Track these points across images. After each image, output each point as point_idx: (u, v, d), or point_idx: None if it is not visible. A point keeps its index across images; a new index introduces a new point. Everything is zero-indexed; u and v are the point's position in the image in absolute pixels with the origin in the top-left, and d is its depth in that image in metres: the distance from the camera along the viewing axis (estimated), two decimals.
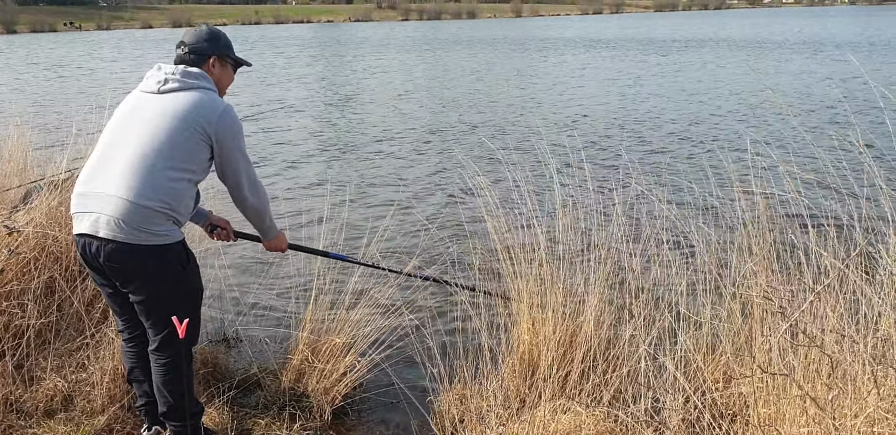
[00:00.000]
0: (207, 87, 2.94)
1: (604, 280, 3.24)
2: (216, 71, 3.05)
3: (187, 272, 2.90)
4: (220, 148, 2.87)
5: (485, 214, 3.72)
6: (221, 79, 3.09)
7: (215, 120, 2.83)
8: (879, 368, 2.26)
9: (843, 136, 3.78)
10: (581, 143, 10.51)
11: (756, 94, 15.75)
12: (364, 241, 4.09)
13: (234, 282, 5.13)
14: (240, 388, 3.63)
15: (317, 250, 3.79)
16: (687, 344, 2.79)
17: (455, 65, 26.84)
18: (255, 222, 3.23)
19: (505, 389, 3.19)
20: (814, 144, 3.77)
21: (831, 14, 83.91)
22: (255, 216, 3.16)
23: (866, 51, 27.16)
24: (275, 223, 3.30)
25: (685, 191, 5.21)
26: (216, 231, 3.42)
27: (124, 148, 2.79)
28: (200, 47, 3.03)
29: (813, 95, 15.18)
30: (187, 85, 2.89)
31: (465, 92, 18.13)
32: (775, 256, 2.88)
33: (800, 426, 2.27)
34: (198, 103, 2.85)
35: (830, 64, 21.87)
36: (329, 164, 9.94)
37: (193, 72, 2.94)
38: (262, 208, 3.13)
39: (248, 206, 3.07)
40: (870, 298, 2.47)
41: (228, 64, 3.13)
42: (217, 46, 3.06)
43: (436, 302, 4.51)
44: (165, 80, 2.89)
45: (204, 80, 2.95)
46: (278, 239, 3.35)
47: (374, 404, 3.68)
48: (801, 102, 14.16)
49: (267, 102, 16.31)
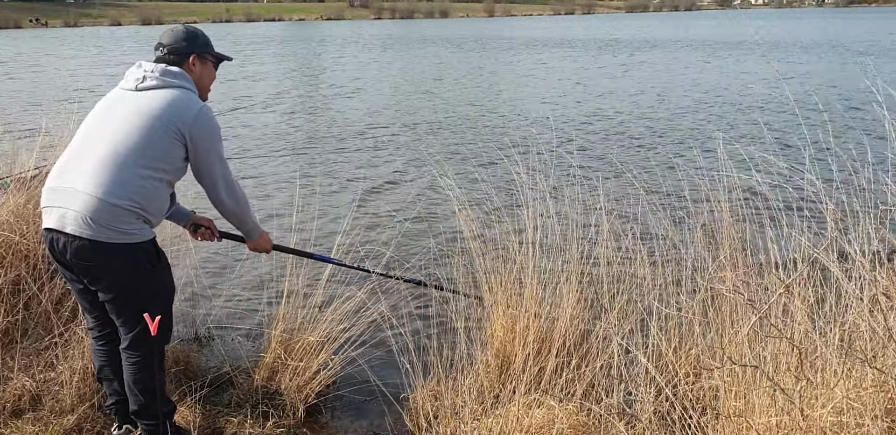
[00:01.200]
0: (186, 87, 2.91)
1: (578, 276, 3.26)
2: (197, 69, 3.02)
3: (157, 271, 2.87)
4: (195, 148, 2.84)
5: (458, 212, 3.73)
6: (203, 77, 3.06)
7: (190, 119, 2.80)
8: (846, 359, 2.30)
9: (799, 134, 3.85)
10: (548, 140, 10.60)
11: (712, 92, 15.97)
12: (337, 240, 4.07)
13: (207, 281, 5.09)
14: (212, 386, 3.60)
15: (301, 251, 3.77)
16: (659, 337, 2.83)
17: (423, 63, 26.90)
18: (235, 224, 3.20)
19: (479, 384, 3.20)
20: (777, 141, 3.82)
21: (798, 16, 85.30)
22: (234, 218, 3.13)
23: (823, 52, 27.72)
24: (258, 224, 3.27)
25: (658, 187, 5.27)
26: (199, 230, 3.37)
27: (97, 144, 2.76)
28: (179, 47, 3.00)
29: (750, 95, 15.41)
30: (165, 83, 2.86)
31: (432, 89, 18.18)
32: (747, 251, 2.92)
33: (769, 417, 2.31)
34: (174, 102, 2.82)
35: (772, 64, 22.33)
36: (298, 161, 9.89)
37: (173, 71, 2.91)
38: (240, 210, 3.09)
39: (225, 208, 3.04)
40: (837, 291, 2.51)
41: (209, 61, 3.10)
42: (196, 45, 3.03)
43: (410, 299, 4.50)
44: (144, 77, 2.86)
45: (183, 80, 2.92)
46: (262, 239, 3.31)
47: (349, 402, 3.67)
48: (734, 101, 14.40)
49: (233, 100, 16.19)
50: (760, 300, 2.52)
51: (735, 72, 21.45)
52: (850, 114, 12.00)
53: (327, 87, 19.29)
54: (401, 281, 3.97)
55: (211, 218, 3.39)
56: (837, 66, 21.63)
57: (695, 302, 2.99)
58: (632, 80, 20.08)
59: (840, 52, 27.95)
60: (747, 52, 28.65)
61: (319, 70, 24.51)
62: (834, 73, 19.57)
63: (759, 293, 2.64)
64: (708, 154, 3.82)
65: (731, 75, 20.42)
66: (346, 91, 18.36)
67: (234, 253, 5.70)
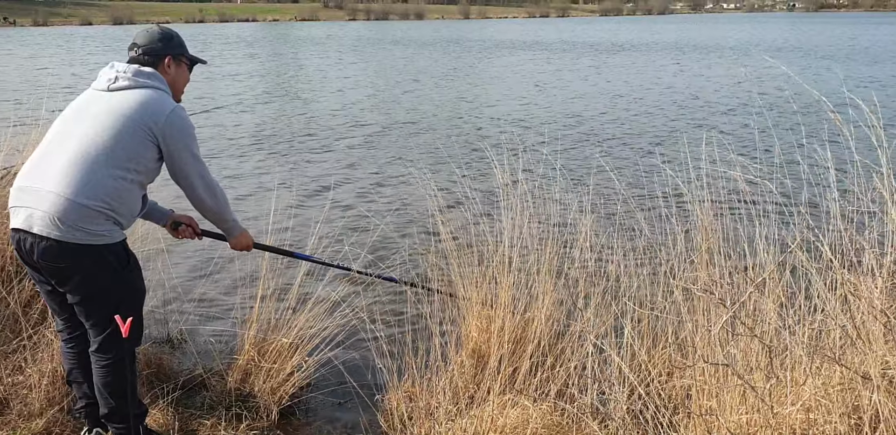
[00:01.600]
0: (159, 87, 2.88)
1: (553, 276, 3.28)
2: (172, 71, 3.00)
3: (127, 273, 2.84)
4: (169, 148, 2.81)
5: (436, 214, 3.74)
6: (177, 79, 3.04)
7: (162, 120, 2.77)
8: (815, 357, 2.34)
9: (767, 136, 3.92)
10: (524, 139, 10.66)
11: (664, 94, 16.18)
12: (312, 239, 4.05)
13: (179, 282, 5.04)
14: (184, 388, 3.56)
15: (282, 250, 3.75)
16: (632, 337, 2.85)
17: (399, 64, 26.94)
18: (215, 222, 3.17)
19: (454, 385, 3.20)
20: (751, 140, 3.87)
21: (768, 20, 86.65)
22: (214, 216, 3.10)
23: (792, 56, 28.29)
24: (238, 222, 3.24)
25: (634, 187, 5.31)
26: (180, 228, 3.33)
27: (67, 144, 2.72)
28: (154, 48, 2.97)
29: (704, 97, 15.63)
30: (137, 84, 2.83)
31: (408, 89, 18.20)
32: (720, 251, 2.95)
33: (739, 415, 2.33)
34: (146, 102, 2.79)
35: (742, 68, 22.80)
36: (273, 160, 9.83)
37: (146, 71, 2.88)
38: (220, 208, 3.06)
39: (204, 206, 3.01)
40: (807, 290, 2.55)
41: (184, 63, 3.07)
42: (171, 46, 3.01)
43: (385, 301, 4.50)
44: (116, 78, 2.83)
45: (156, 80, 2.89)
46: (243, 237, 3.28)
47: (323, 403, 3.65)
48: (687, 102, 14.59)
49: (207, 100, 16.06)
50: (732, 299, 2.55)
51: (705, 74, 21.77)
52: (817, 116, 12.20)
53: (302, 88, 19.21)
54: (377, 279, 3.96)
55: (191, 216, 3.36)
56: (805, 70, 22.02)
57: (668, 302, 3.02)
58: (604, 81, 20.41)
59: (807, 55, 28.57)
60: (719, 55, 29.18)
61: (294, 70, 24.40)
62: (802, 76, 19.89)
63: (731, 293, 2.67)
64: (680, 154, 3.85)
65: (701, 77, 20.72)
66: (321, 92, 18.29)
67: (206, 254, 5.65)
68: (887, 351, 2.21)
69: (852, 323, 2.33)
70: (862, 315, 2.31)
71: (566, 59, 29.22)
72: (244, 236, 3.29)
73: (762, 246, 2.82)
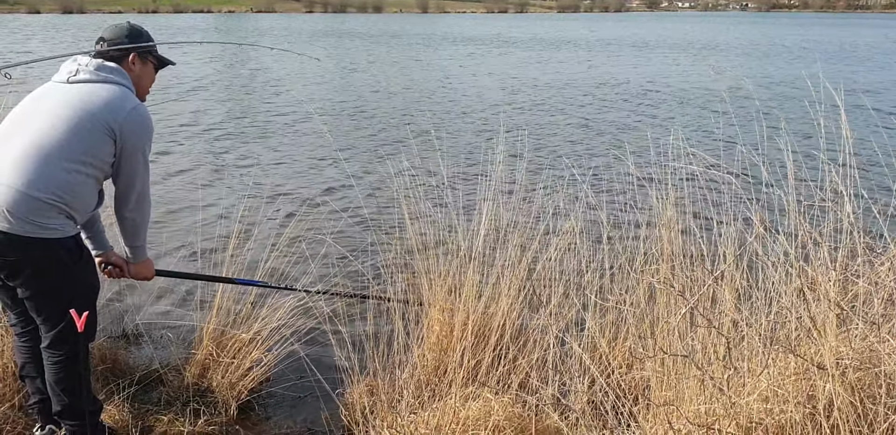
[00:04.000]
0: (121, 83, 2.80)
1: (516, 269, 3.29)
2: (137, 68, 2.92)
3: (79, 268, 2.77)
4: (124, 146, 2.73)
5: (401, 205, 3.73)
6: (142, 77, 2.96)
7: (122, 116, 2.70)
8: (772, 348, 2.39)
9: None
10: (478, 132, 10.70)
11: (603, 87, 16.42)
12: (271, 239, 4.01)
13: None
14: (141, 384, 3.50)
15: (193, 275, 3.71)
16: (594, 329, 2.88)
17: (358, 56, 26.83)
18: (128, 237, 2.98)
19: (416, 378, 3.21)
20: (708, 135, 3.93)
21: (721, 20, 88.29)
22: (131, 229, 2.94)
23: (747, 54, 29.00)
24: (146, 248, 3.08)
25: (596, 180, 5.36)
26: (107, 269, 3.16)
27: (22, 136, 2.64)
28: (120, 43, 2.89)
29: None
30: (99, 77, 2.76)
31: (367, 82, 18.10)
32: (681, 243, 3.00)
33: (698, 405, 2.38)
34: (107, 97, 2.72)
35: (712, 64, 23.35)
36: (230, 156, 9.69)
37: (109, 66, 2.81)
38: (140, 223, 2.93)
39: (126, 216, 2.88)
40: (764, 282, 2.60)
41: (150, 62, 3.00)
42: (138, 43, 2.93)
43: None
44: (77, 70, 2.76)
45: (119, 76, 2.81)
46: (144, 266, 3.13)
47: (283, 398, 3.62)
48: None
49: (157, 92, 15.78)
50: (691, 292, 2.59)
51: (662, 70, 22.10)
52: (775, 111, 12.45)
53: (259, 81, 18.96)
54: (338, 296, 3.93)
55: (126, 261, 3.13)
56: (766, 67, 22.51)
57: (629, 295, 3.06)
58: (561, 75, 20.57)
59: (776, 53, 29.36)
60: (678, 53, 29.82)
61: (250, 63, 24.07)
62: (761, 72, 20.31)
63: (690, 285, 2.72)
64: (643, 147, 3.90)
65: (660, 73, 21.02)
66: (276, 85, 18.08)
67: (164, 247, 5.55)
68: (841, 342, 2.27)
69: (808, 314, 2.39)
70: (817, 307, 2.37)
71: (535, 53, 29.64)
72: (147, 264, 3.14)
73: (721, 239, 2.87)
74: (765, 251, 2.59)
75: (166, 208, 6.92)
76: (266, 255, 3.94)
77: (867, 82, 17.93)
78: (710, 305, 2.67)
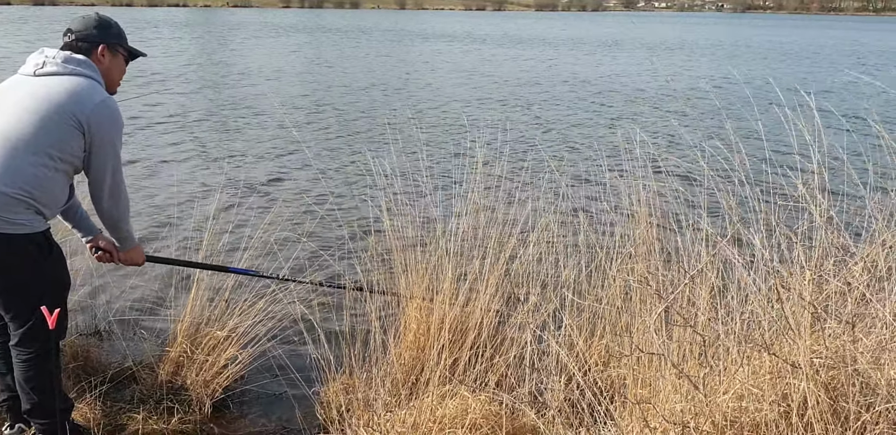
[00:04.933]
0: (89, 76, 2.74)
1: (494, 267, 3.29)
2: (106, 60, 2.87)
3: (48, 264, 2.72)
4: (93, 139, 2.68)
5: (380, 203, 3.71)
6: (111, 70, 2.90)
7: (90, 109, 2.65)
8: (746, 346, 2.41)
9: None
10: (449, 130, 10.70)
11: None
12: (248, 231, 3.97)
13: (108, 272, 4.87)
14: (113, 382, 3.46)
15: (184, 261, 3.65)
16: (571, 328, 2.89)
17: (334, 51, 26.75)
18: (108, 229, 2.99)
19: (393, 376, 3.20)
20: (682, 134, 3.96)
21: (696, 20, 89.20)
22: (110, 222, 2.93)
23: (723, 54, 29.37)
24: (133, 235, 3.07)
25: (574, 179, 5.38)
26: (98, 254, 3.15)
27: None
28: (89, 35, 2.84)
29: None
30: (67, 70, 2.70)
31: (341, 77, 18.04)
32: (657, 243, 3.02)
33: (674, 403, 2.39)
34: (74, 90, 2.67)
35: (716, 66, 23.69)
36: (205, 151, 9.60)
37: (76, 58, 2.75)
38: (118, 216, 2.90)
39: (103, 209, 2.85)
40: (739, 282, 2.62)
41: (120, 54, 2.94)
42: (107, 35, 2.87)
43: (323, 291, 4.45)
44: (44, 63, 2.70)
45: (87, 68, 2.76)
46: (134, 251, 3.12)
47: (258, 396, 3.59)
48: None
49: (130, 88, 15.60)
50: (667, 291, 2.60)
51: (624, 69, 22.33)
52: (745, 111, 12.60)
53: (234, 75, 18.80)
54: (317, 286, 3.90)
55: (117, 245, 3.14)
56: (724, 67, 22.81)
57: (605, 293, 3.07)
58: (522, 72, 20.81)
59: (739, 54, 29.79)
60: (644, 51, 30.31)
61: (227, 57, 23.87)
62: (720, 72, 20.55)
63: (666, 284, 2.73)
64: (616, 148, 3.92)
65: (619, 71, 21.24)
66: (254, 79, 17.95)
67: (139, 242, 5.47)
68: (815, 341, 2.30)
69: (782, 314, 2.41)
70: (791, 306, 2.40)
71: (510, 50, 29.93)
72: (136, 250, 3.13)
73: (697, 239, 2.88)
74: (740, 251, 2.61)
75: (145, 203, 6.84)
76: (241, 254, 3.91)
77: (819, 82, 18.31)
78: (686, 304, 2.69)
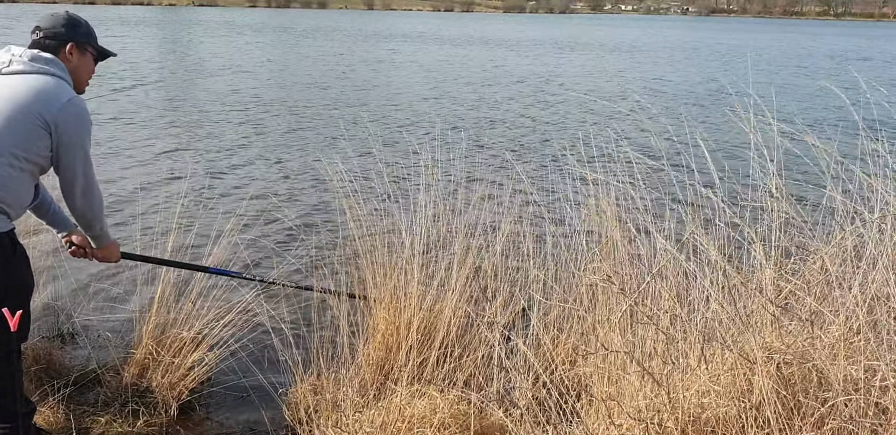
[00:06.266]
0: (57, 74, 2.70)
1: (463, 269, 3.31)
2: (74, 59, 2.82)
3: (12, 265, 2.67)
4: (60, 139, 2.64)
5: (342, 203, 3.71)
6: (80, 68, 2.86)
7: (57, 108, 2.61)
8: (708, 344, 2.46)
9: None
10: (428, 129, 10.71)
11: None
12: (213, 235, 3.94)
13: (72, 273, 4.80)
14: (77, 385, 3.42)
15: (160, 259, 3.61)
16: (538, 327, 2.92)
17: (302, 52, 26.63)
18: (83, 226, 2.95)
19: (361, 377, 3.20)
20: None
21: (658, 23, 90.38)
22: (83, 221, 2.90)
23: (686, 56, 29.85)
24: (107, 231, 3.03)
25: (539, 180, 5.43)
26: (72, 248, 3.12)
27: None
28: (57, 33, 2.79)
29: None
30: (33, 69, 2.66)
31: (312, 78, 17.97)
32: (622, 243, 3.06)
33: (639, 400, 2.43)
34: (40, 88, 2.62)
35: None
36: (170, 144, 9.50)
37: (44, 56, 2.71)
38: (92, 214, 2.87)
39: (75, 207, 2.82)
40: (700, 282, 2.68)
41: (89, 53, 2.90)
42: (76, 33, 2.83)
43: (291, 293, 4.43)
44: (10, 61, 2.66)
45: (54, 67, 2.72)
46: (109, 249, 3.08)
47: (225, 398, 3.57)
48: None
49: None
50: (632, 289, 2.65)
51: (572, 69, 22.61)
52: (701, 110, 12.84)
53: (200, 73, 18.62)
54: (287, 287, 3.89)
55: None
56: (666, 67, 23.16)
57: (572, 293, 3.11)
58: (465, 71, 21.04)
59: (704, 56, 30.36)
60: (597, 52, 30.87)
61: (191, 56, 23.63)
62: (703, 74, 20.88)
63: (630, 283, 2.78)
64: (576, 148, 3.97)
65: (567, 72, 21.53)
66: (220, 77, 17.79)
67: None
68: (775, 338, 2.35)
69: (741, 312, 2.47)
70: (752, 304, 2.45)
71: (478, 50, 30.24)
72: (111, 248, 3.10)
73: (660, 238, 2.93)
74: (702, 250, 2.66)
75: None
76: (208, 249, 3.89)
77: (756, 84, 18.73)
78: (649, 303, 2.74)
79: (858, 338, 2.35)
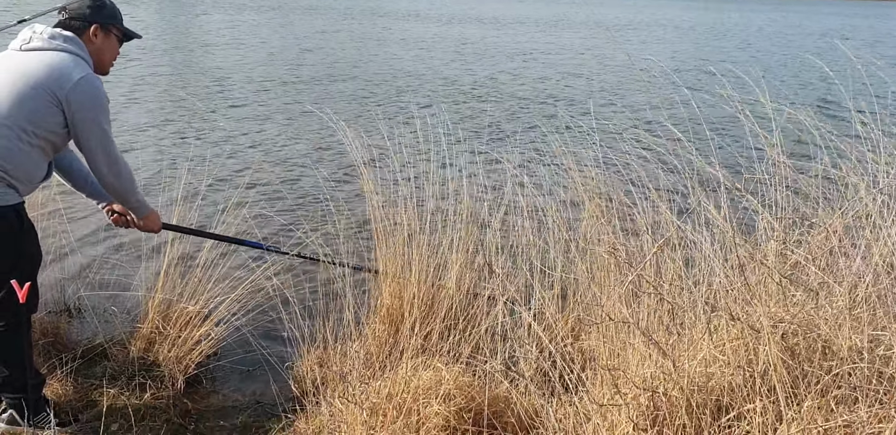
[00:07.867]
0: (74, 52, 2.72)
1: (466, 240, 3.32)
2: (98, 41, 2.83)
3: (20, 238, 2.70)
4: (74, 117, 2.66)
5: (357, 179, 3.70)
6: (104, 49, 2.87)
7: (69, 85, 2.62)
8: (712, 315, 2.47)
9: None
10: (427, 103, 10.66)
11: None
12: (227, 207, 3.94)
13: (80, 247, 4.81)
14: (84, 358, 3.44)
15: (197, 231, 3.64)
16: (543, 298, 2.92)
17: (298, 28, 26.54)
18: (118, 200, 3.05)
19: (367, 349, 3.22)
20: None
21: (643, 3, 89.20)
22: (116, 194, 2.97)
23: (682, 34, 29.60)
24: (144, 202, 3.10)
25: (543, 153, 5.39)
26: (114, 217, 3.23)
27: None
28: (82, 14, 2.81)
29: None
30: (51, 45, 2.68)
31: (310, 52, 17.87)
32: (625, 215, 3.06)
33: (644, 369, 2.44)
34: (55, 65, 2.64)
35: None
36: (177, 125, 9.46)
37: (64, 34, 2.73)
38: (122, 186, 2.92)
39: (105, 182, 2.88)
40: (704, 253, 2.67)
41: (113, 35, 2.90)
42: (100, 15, 2.84)
43: (297, 266, 4.44)
44: (30, 38, 2.68)
45: (73, 45, 2.73)
46: (149, 218, 3.16)
47: (231, 371, 3.60)
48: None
49: None
50: (637, 261, 2.65)
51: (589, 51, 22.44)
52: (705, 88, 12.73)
53: (201, 48, 18.51)
54: (299, 258, 3.90)
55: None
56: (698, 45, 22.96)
57: (577, 264, 3.11)
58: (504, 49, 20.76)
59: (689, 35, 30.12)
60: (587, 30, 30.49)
61: (193, 31, 23.48)
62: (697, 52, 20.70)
63: (635, 254, 2.78)
64: (583, 122, 3.94)
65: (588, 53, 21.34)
66: (222, 53, 17.69)
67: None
68: (781, 308, 2.36)
69: (747, 282, 2.47)
70: (758, 275, 2.45)
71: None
72: (151, 218, 3.18)
73: (664, 208, 2.92)
74: (706, 221, 2.66)
75: None
76: (215, 223, 3.89)
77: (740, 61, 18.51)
78: (654, 275, 2.73)
79: (863, 308, 2.35)
